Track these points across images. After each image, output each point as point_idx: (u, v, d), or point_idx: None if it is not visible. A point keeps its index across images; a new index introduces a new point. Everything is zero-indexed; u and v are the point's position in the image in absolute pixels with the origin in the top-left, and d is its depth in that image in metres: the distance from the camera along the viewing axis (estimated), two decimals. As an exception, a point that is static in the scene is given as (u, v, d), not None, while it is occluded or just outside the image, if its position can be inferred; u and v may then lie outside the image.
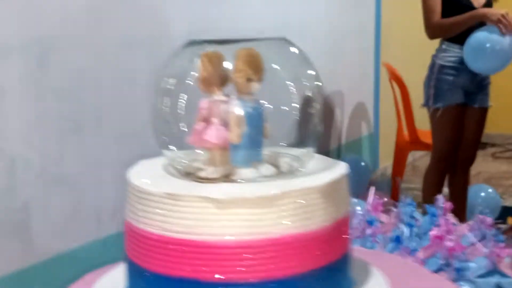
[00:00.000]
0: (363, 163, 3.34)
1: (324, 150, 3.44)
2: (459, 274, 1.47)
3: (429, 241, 1.59)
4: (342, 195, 0.97)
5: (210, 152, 0.98)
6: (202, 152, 0.99)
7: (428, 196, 2.50)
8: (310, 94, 1.02)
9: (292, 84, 1.00)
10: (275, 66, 0.99)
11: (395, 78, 3.48)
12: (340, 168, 1.00)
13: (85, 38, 1.91)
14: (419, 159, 4.29)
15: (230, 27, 2.39)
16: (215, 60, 0.97)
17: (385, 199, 2.13)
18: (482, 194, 2.99)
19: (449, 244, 1.53)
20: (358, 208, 1.85)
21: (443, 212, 1.69)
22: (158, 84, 0.96)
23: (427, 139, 3.13)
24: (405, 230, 1.65)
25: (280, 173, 0.99)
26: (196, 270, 0.87)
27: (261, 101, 0.98)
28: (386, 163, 3.91)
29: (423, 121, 3.07)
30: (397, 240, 1.61)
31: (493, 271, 1.49)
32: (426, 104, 2.72)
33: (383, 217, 1.77)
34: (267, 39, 1.00)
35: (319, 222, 0.91)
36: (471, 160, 2.84)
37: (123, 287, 0.98)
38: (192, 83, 0.96)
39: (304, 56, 1.01)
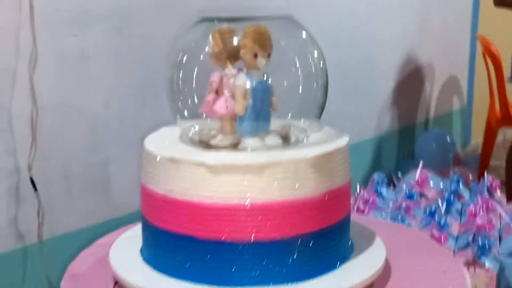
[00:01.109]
0: (448, 138, 3.28)
1: (410, 122, 3.42)
2: (482, 251, 1.47)
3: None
4: (337, 167, 1.02)
5: (221, 121, 1.06)
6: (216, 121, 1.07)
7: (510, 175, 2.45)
8: (314, 70, 1.07)
9: (297, 60, 1.05)
10: (282, 43, 1.05)
11: (489, 52, 3.36)
12: (339, 142, 1.05)
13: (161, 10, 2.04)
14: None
15: None
16: (227, 36, 1.04)
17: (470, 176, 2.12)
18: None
19: (478, 221, 1.52)
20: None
21: (487, 189, 1.68)
22: (172, 58, 1.05)
23: (521, 115, 3.03)
24: (441, 206, 1.65)
25: (285, 144, 1.06)
26: (192, 228, 0.97)
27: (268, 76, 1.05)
28: (479, 139, 3.80)
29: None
30: (431, 214, 1.62)
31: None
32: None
33: (431, 193, 1.78)
34: (275, 18, 1.06)
35: (308, 191, 0.97)
36: None
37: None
38: (204, 58, 1.04)
39: (309, 34, 1.07)
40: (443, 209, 1.67)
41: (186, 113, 1.06)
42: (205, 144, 1.05)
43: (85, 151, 1.92)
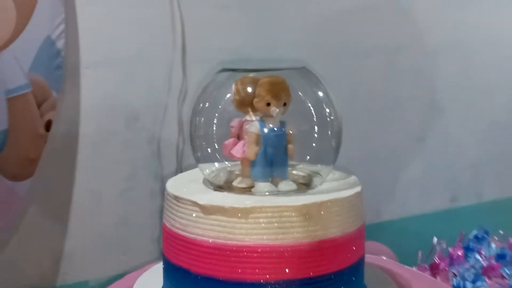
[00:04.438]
0: None
1: None
2: None
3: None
4: (332, 217, 1.03)
5: (241, 164, 1.13)
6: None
7: None
8: (328, 117, 1.10)
9: (312, 109, 1.09)
10: (299, 93, 1.09)
11: None
12: (340, 193, 1.06)
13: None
14: None
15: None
16: (249, 85, 1.11)
17: None
18: None
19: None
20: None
21: None
22: (195, 106, 1.15)
23: None
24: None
25: (300, 190, 1.10)
26: (188, 263, 1.06)
27: (285, 124, 1.10)
28: None
29: None
30: None
31: None
32: None
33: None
34: (290, 68, 1.11)
35: (295, 238, 1.00)
36: None
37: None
38: (225, 105, 1.13)
39: (321, 82, 1.10)
40: None
41: (207, 156, 1.15)
42: (228, 186, 1.14)
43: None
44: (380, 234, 2.05)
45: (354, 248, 1.07)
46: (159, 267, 1.20)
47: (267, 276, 1.00)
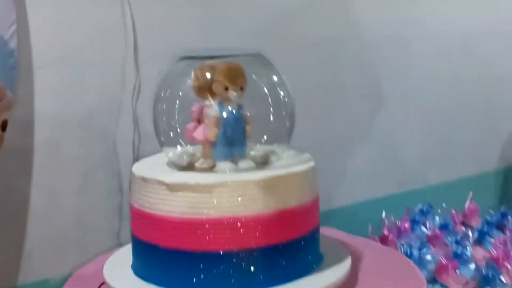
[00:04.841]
0: None
1: None
2: (486, 281, 1.46)
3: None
4: (290, 189, 1.11)
5: (202, 146, 1.20)
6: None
7: None
8: (282, 99, 1.18)
9: (267, 92, 1.17)
10: (254, 77, 1.17)
11: None
12: (296, 167, 1.14)
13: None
14: None
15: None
16: (207, 72, 1.18)
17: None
18: None
19: (494, 253, 1.48)
20: None
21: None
22: (158, 92, 1.21)
23: None
24: (471, 235, 1.64)
25: (257, 167, 1.17)
26: (157, 239, 1.12)
27: (243, 107, 1.17)
28: None
29: None
30: (456, 243, 1.61)
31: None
32: None
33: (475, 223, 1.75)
34: (246, 54, 1.18)
35: (257, 210, 1.08)
36: None
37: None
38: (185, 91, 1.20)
39: (275, 67, 1.18)
40: (472, 239, 1.66)
41: (171, 140, 1.21)
42: (191, 167, 1.20)
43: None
44: (332, 221, 2.13)
45: (310, 217, 1.15)
46: (127, 248, 1.25)
47: (232, 246, 1.07)
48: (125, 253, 1.27)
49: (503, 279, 1.53)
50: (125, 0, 1.94)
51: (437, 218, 1.82)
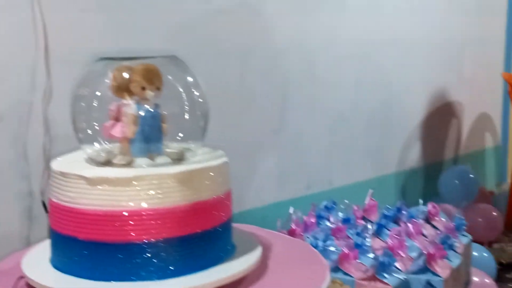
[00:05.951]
0: (471, 175, 3.26)
1: (437, 159, 3.43)
2: (382, 268, 1.61)
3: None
4: (204, 183, 1.18)
5: (120, 144, 1.25)
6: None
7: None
8: (196, 99, 1.25)
9: (182, 92, 1.24)
10: (169, 77, 1.24)
11: (515, 89, 3.33)
12: (210, 162, 1.22)
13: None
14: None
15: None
16: (125, 72, 1.23)
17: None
18: None
19: (389, 242, 1.64)
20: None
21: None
22: (76, 92, 1.25)
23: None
24: (371, 228, 1.80)
25: (172, 163, 1.24)
26: (76, 231, 1.16)
27: (159, 106, 1.23)
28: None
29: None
30: (357, 235, 1.76)
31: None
32: None
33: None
34: (162, 56, 1.25)
35: (172, 201, 1.14)
36: None
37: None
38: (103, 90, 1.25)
39: (189, 68, 1.25)
40: (371, 231, 1.82)
41: (89, 138, 1.26)
42: (109, 163, 1.25)
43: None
44: (242, 222, 2.21)
45: (223, 209, 1.23)
46: (43, 245, 1.28)
47: (150, 236, 1.13)
48: (42, 250, 1.30)
49: (398, 266, 1.68)
50: (35, 5, 1.94)
51: (340, 213, 1.95)
